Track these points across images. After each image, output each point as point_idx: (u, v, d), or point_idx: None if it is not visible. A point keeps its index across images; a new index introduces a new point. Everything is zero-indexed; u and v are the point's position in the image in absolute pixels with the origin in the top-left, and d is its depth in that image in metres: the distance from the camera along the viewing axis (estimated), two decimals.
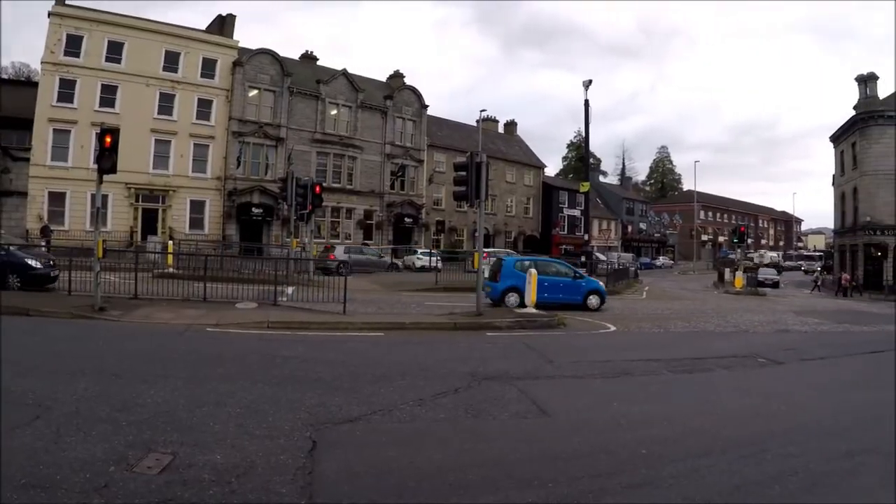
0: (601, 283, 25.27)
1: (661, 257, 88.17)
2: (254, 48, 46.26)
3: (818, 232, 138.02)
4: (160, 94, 41.33)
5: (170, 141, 41.71)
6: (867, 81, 47.86)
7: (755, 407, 8.66)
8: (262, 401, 7.30)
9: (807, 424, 7.88)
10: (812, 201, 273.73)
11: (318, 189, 25.65)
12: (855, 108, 48.44)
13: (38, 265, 17.94)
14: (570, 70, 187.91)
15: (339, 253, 35.02)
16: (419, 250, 46.91)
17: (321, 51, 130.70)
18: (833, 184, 56.10)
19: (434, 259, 38.06)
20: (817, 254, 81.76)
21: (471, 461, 5.81)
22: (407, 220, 54.07)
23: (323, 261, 31.48)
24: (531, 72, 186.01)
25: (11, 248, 18.75)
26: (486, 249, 33.48)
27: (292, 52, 75.00)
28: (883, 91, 48.20)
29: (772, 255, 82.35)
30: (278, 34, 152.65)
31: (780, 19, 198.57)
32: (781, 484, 5.61)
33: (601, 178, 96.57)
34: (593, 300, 22.32)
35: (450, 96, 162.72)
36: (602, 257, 50.64)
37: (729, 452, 6.46)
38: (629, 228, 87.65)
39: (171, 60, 41.98)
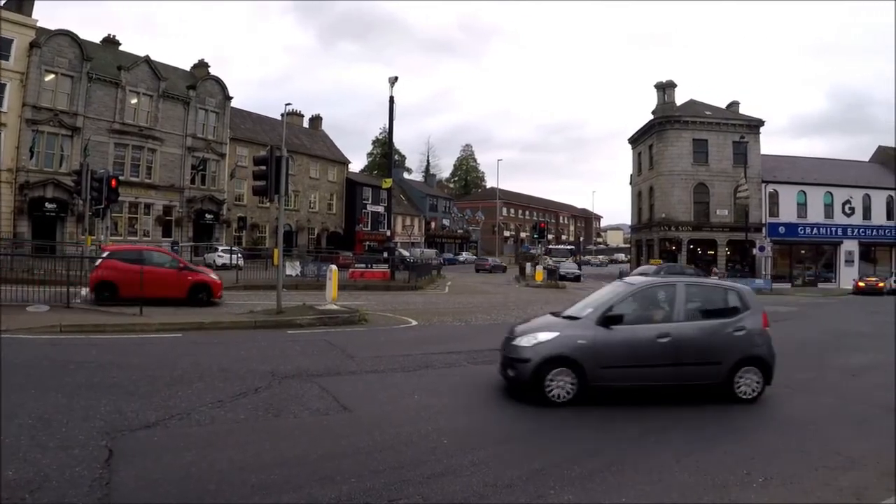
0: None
1: (464, 253, 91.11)
2: (53, 28, 41.71)
3: (616, 228, 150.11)
4: None
5: None
6: (665, 88, 52.86)
7: None
8: (54, 410, 6.92)
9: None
10: (612, 199, 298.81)
11: (114, 183, 23.87)
12: (653, 112, 53.24)
13: None
14: (388, 64, 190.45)
15: None
16: (220, 247, 45.10)
17: (125, 35, 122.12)
18: (631, 183, 61.04)
19: (235, 256, 36.80)
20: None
21: (272, 461, 5.78)
22: (208, 216, 51.53)
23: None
24: (348, 65, 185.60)
25: None
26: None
27: (94, 34, 69.24)
28: (680, 98, 53.97)
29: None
30: (80, 14, 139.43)
31: (597, 23, 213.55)
32: (580, 465, 5.96)
33: (406, 175, 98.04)
34: None
35: (262, 86, 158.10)
36: (406, 253, 51.43)
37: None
38: (433, 224, 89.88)
39: None
